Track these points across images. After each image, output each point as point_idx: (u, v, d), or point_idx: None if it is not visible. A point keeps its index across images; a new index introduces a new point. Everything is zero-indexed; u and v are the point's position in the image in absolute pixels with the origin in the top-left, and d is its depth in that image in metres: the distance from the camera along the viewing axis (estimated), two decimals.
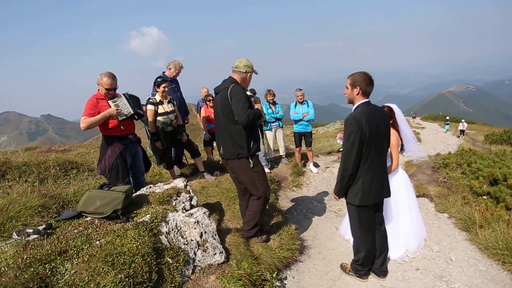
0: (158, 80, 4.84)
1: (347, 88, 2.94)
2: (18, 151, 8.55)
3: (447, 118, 30.98)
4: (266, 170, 6.63)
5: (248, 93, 6.51)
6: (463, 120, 25.64)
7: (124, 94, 3.78)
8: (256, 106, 3.53)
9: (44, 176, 5.64)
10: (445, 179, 6.41)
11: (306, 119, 7.08)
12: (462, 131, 24.02)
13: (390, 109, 3.62)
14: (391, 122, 3.54)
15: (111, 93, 3.67)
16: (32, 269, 1.93)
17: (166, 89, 4.88)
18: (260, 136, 6.51)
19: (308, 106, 7.10)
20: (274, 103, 7.09)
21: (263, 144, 6.56)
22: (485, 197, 4.96)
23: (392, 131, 3.52)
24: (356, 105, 2.90)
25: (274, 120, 7.12)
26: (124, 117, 3.71)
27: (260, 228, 3.59)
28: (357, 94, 2.87)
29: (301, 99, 7.07)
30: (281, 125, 7.36)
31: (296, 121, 7.22)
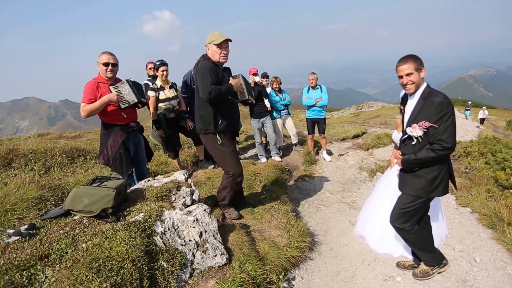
0: (157, 63, 4.55)
1: (410, 74, 2.55)
2: (30, 137, 8.51)
3: (469, 103, 28.98)
4: (277, 158, 6.38)
5: (257, 78, 6.21)
6: (484, 108, 22.17)
7: (127, 81, 3.54)
8: (233, 81, 3.30)
9: (51, 164, 5.54)
10: (466, 170, 6.03)
11: (319, 104, 6.72)
12: (482, 120, 20.84)
13: None
14: None
15: (110, 69, 3.41)
16: (7, 277, 1.74)
17: (165, 73, 4.59)
18: (272, 124, 6.26)
19: (321, 91, 6.74)
20: (280, 90, 6.81)
21: (274, 132, 6.29)
22: None
23: None
24: (423, 88, 2.62)
25: (284, 107, 6.87)
26: (127, 104, 3.49)
27: (231, 207, 3.63)
28: (423, 76, 2.63)
29: (312, 83, 6.71)
30: (289, 112, 7.14)
31: (309, 107, 6.88)
